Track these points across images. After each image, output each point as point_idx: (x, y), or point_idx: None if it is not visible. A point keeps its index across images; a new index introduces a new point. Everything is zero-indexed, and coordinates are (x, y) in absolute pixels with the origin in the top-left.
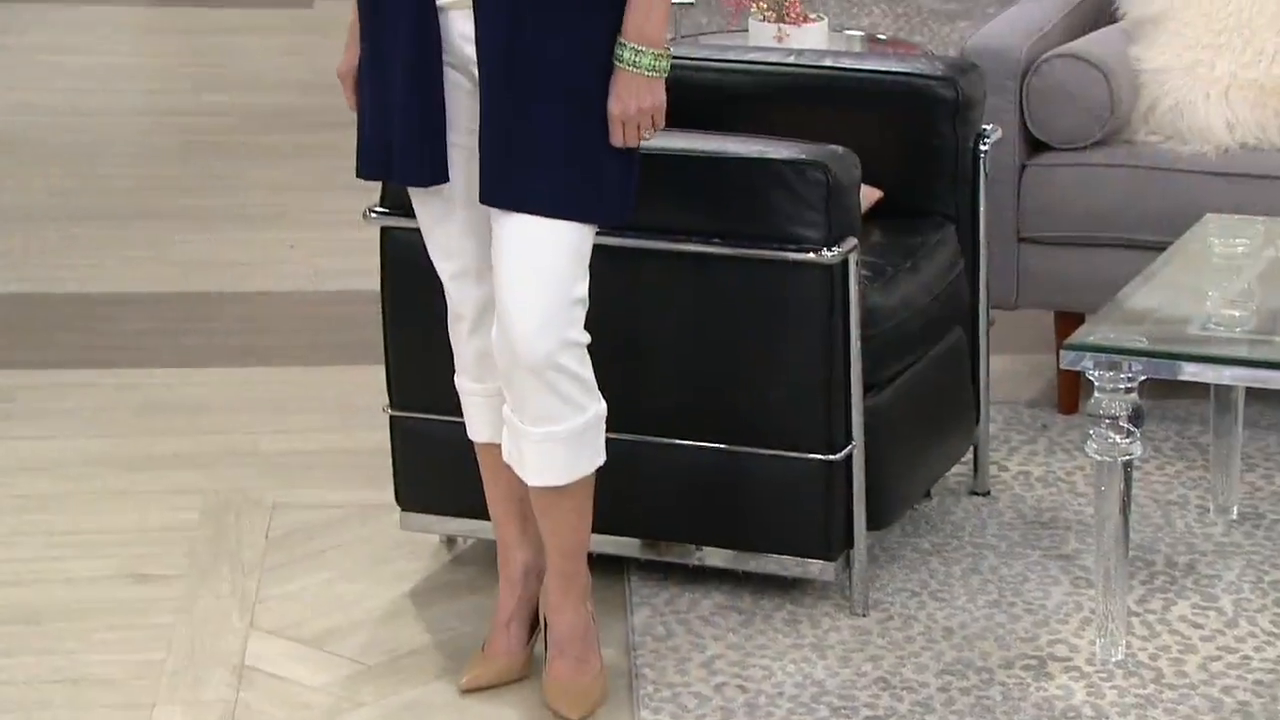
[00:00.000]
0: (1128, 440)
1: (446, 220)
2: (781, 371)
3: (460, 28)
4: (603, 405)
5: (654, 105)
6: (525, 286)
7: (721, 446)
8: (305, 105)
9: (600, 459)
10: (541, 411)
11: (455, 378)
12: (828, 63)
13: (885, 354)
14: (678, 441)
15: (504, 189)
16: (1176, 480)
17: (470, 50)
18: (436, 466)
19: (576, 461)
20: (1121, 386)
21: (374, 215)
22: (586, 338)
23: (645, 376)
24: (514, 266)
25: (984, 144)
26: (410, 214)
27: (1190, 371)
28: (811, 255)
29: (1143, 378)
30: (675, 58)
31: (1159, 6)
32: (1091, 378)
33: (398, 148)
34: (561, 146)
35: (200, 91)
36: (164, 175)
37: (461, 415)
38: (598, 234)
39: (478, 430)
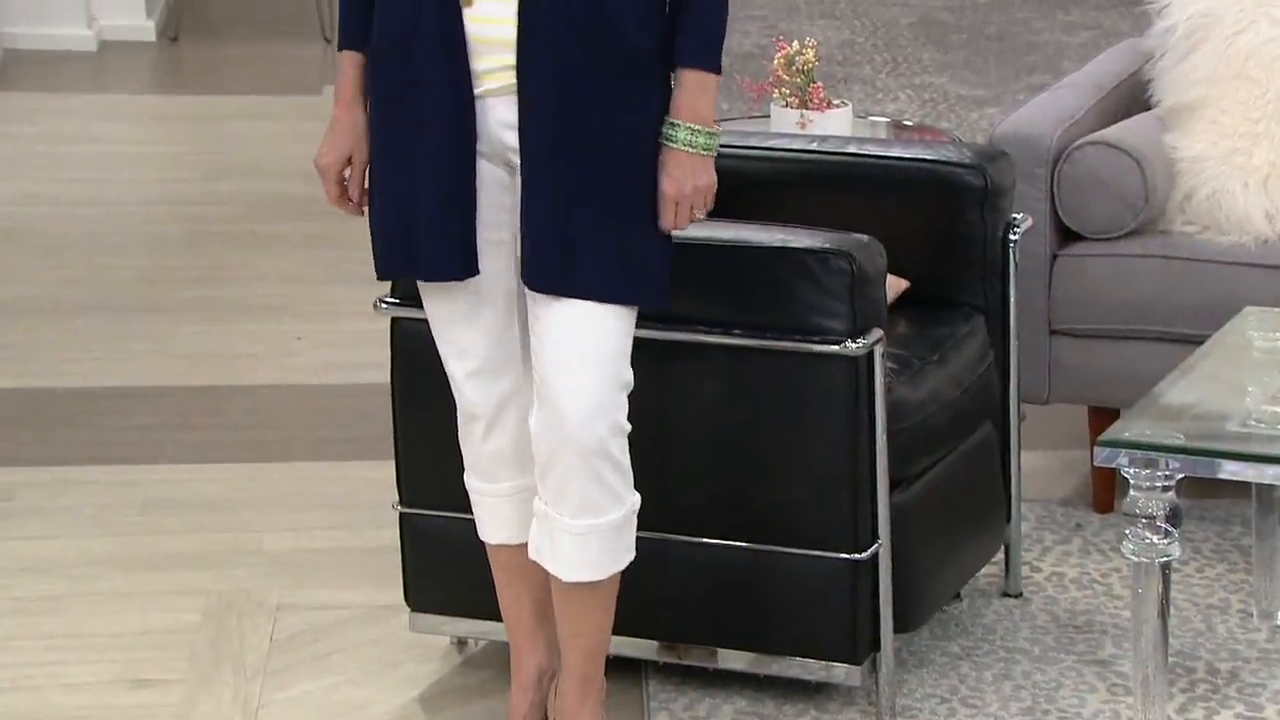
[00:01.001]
0: (1165, 541)
1: (470, 317)
2: (805, 467)
3: (500, 115)
4: (637, 498)
5: (708, 184)
6: (577, 371)
7: (742, 544)
8: (313, 193)
9: (632, 554)
10: (584, 501)
11: (465, 479)
12: (852, 149)
13: (912, 449)
14: (697, 540)
15: (555, 275)
16: (1217, 584)
17: (509, 138)
18: (448, 565)
19: (614, 556)
20: (1158, 485)
21: (384, 306)
22: (629, 425)
23: (662, 472)
24: (564, 352)
25: (1014, 233)
26: (420, 303)
27: (1230, 470)
28: (836, 347)
29: (1180, 476)
30: None
31: (1195, 93)
32: (1127, 475)
33: (427, 241)
34: (615, 231)
35: (207, 180)
36: (169, 266)
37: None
38: None
39: (492, 532)
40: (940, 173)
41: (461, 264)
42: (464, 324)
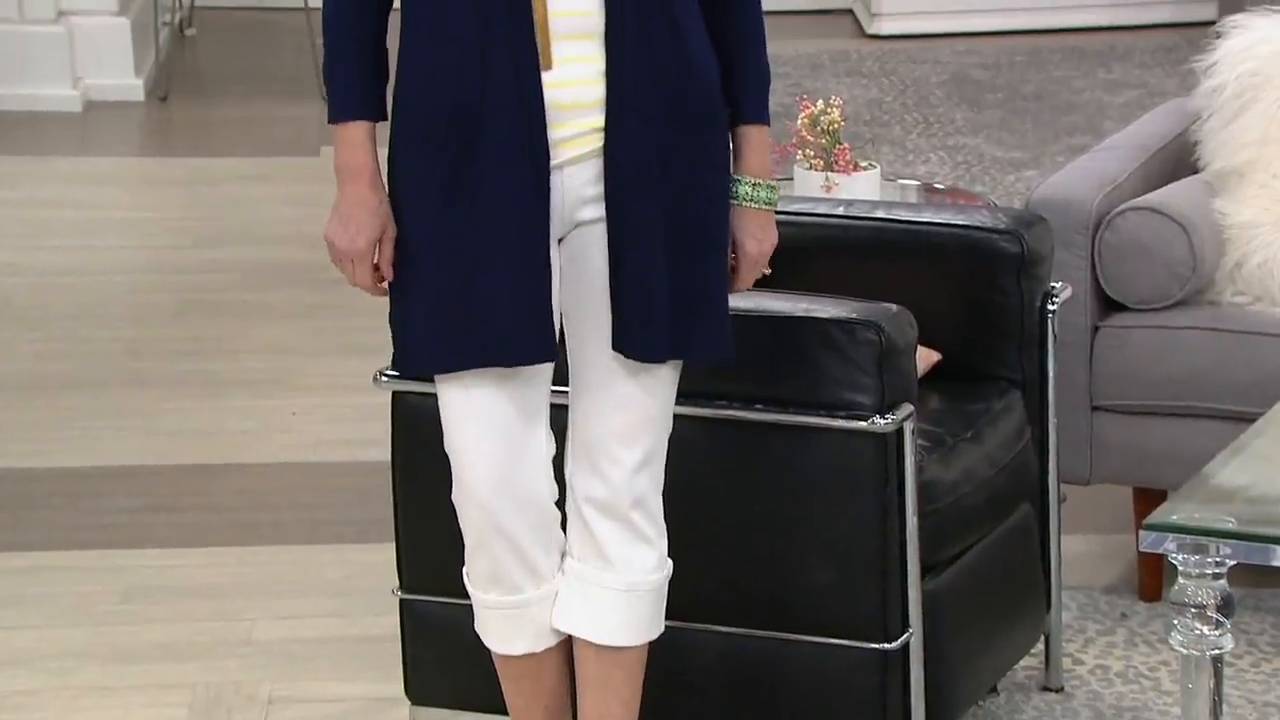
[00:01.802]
0: (1217, 632)
1: (521, 399)
2: (831, 550)
3: (573, 184)
4: (671, 564)
5: (775, 241)
6: (642, 432)
7: (763, 633)
8: (310, 260)
9: (662, 627)
10: (627, 558)
11: (474, 590)
12: (880, 214)
13: (945, 532)
14: (715, 628)
15: (671, 340)
16: (1273, 679)
17: (583, 210)
18: (451, 655)
19: (653, 619)
20: (1209, 572)
21: (385, 379)
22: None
23: (678, 556)
24: (632, 415)
25: (1052, 303)
26: (424, 377)
27: None
28: (863, 423)
29: (1232, 562)
30: None
31: (1245, 156)
32: (1175, 562)
33: (503, 324)
34: (716, 290)
35: (199, 246)
36: (157, 337)
37: None
38: None
39: (510, 644)
40: (974, 239)
41: (543, 346)
42: (511, 405)
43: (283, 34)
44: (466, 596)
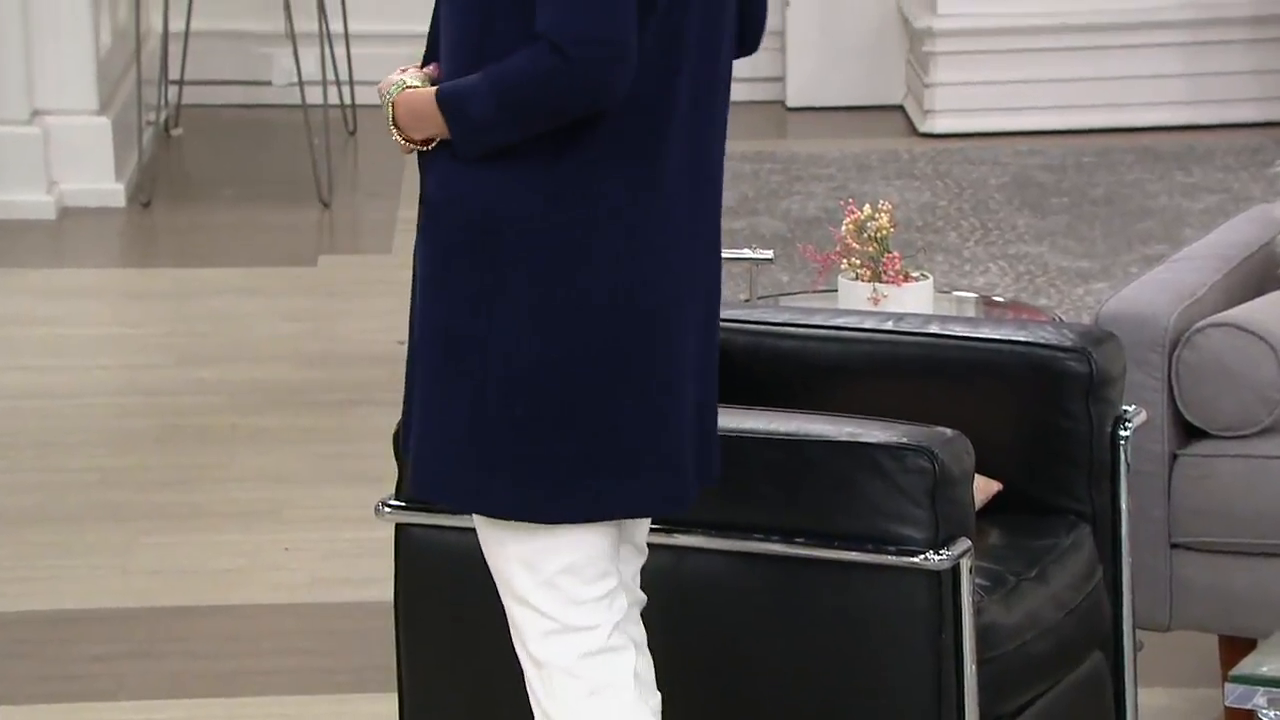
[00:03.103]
0: None
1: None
2: (880, 701)
3: None
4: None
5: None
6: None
7: None
8: (306, 381)
9: None
10: None
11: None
12: (933, 329)
13: (1007, 682)
14: None
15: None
16: None
17: None
18: None
19: None
20: None
21: (388, 510)
22: None
23: (713, 705)
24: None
25: (1125, 429)
26: (431, 507)
27: None
28: (915, 559)
29: None
30: (751, 323)
31: None
32: (1265, 718)
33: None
34: (420, 419)
35: (184, 365)
36: (137, 467)
37: None
38: (660, 532)
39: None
40: (1037, 358)
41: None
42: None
43: (278, 133)
44: None
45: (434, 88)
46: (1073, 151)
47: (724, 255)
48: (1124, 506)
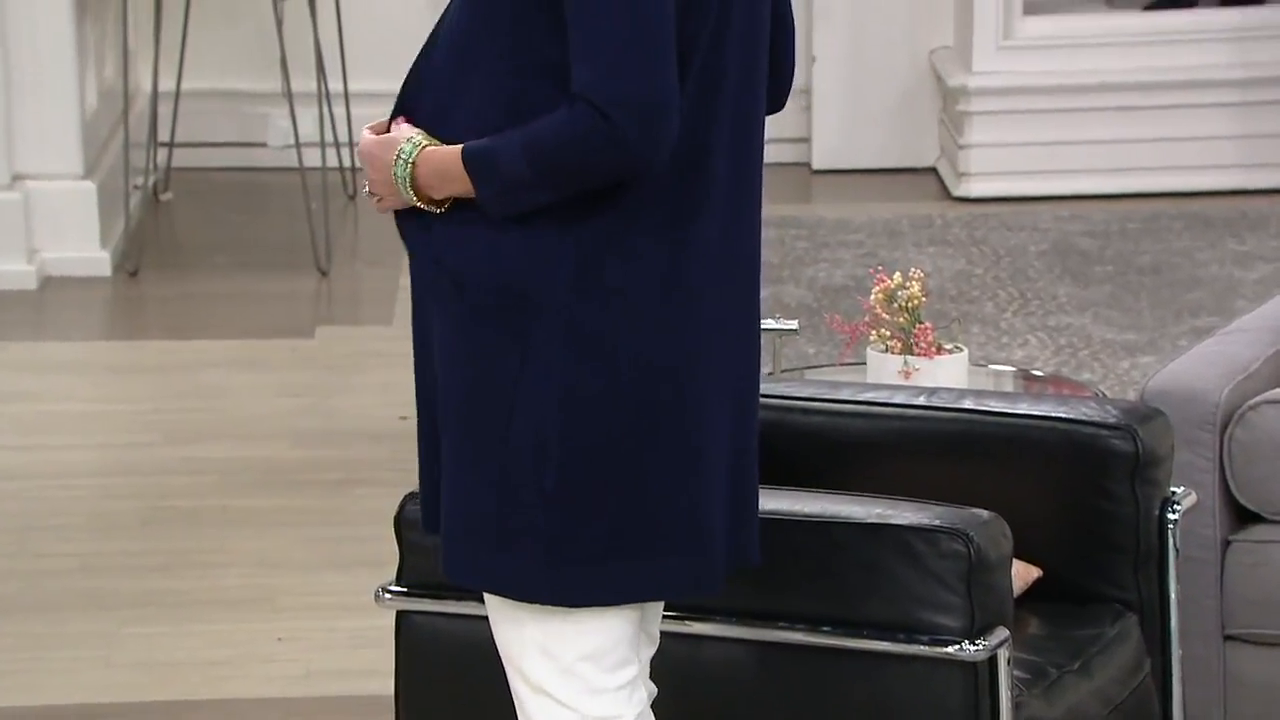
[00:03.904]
0: None
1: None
2: None
3: None
4: None
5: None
6: None
7: None
8: (302, 459)
9: None
10: None
11: None
12: (968, 405)
13: None
14: None
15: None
16: None
17: None
18: None
19: None
20: None
21: (389, 597)
22: None
23: None
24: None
25: (1173, 512)
26: (434, 593)
27: None
28: (950, 650)
29: None
30: (775, 397)
31: None
32: None
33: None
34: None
35: (172, 444)
36: (121, 552)
37: None
38: (680, 619)
39: None
40: (1080, 435)
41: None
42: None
43: (273, 197)
44: None
45: (457, 145)
46: (1117, 217)
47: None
48: (1173, 595)
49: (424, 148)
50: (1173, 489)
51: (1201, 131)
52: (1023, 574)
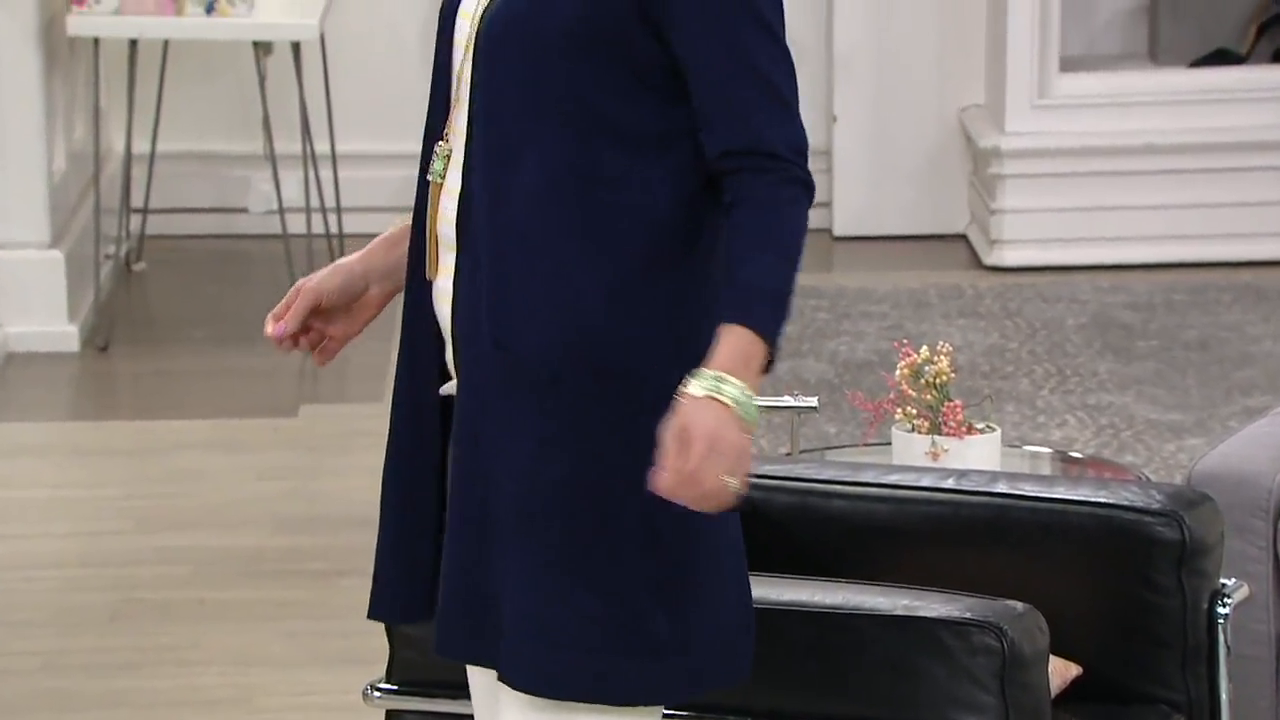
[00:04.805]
0: None
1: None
2: None
3: None
4: None
5: (713, 427)
6: None
7: None
8: (284, 548)
9: None
10: None
11: None
12: (1001, 488)
13: None
14: None
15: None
16: None
17: None
18: None
19: None
20: None
21: (378, 696)
22: None
23: None
24: None
25: (1223, 605)
26: (427, 691)
27: None
28: None
29: None
30: (794, 480)
31: None
32: None
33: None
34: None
35: (142, 532)
36: (88, 649)
37: None
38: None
39: None
40: (1121, 522)
41: None
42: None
43: (254, 266)
44: None
45: (735, 331)
46: (1162, 288)
47: (764, 403)
48: (1224, 695)
49: (734, 378)
50: (1223, 580)
51: (1252, 197)
52: (1061, 671)
